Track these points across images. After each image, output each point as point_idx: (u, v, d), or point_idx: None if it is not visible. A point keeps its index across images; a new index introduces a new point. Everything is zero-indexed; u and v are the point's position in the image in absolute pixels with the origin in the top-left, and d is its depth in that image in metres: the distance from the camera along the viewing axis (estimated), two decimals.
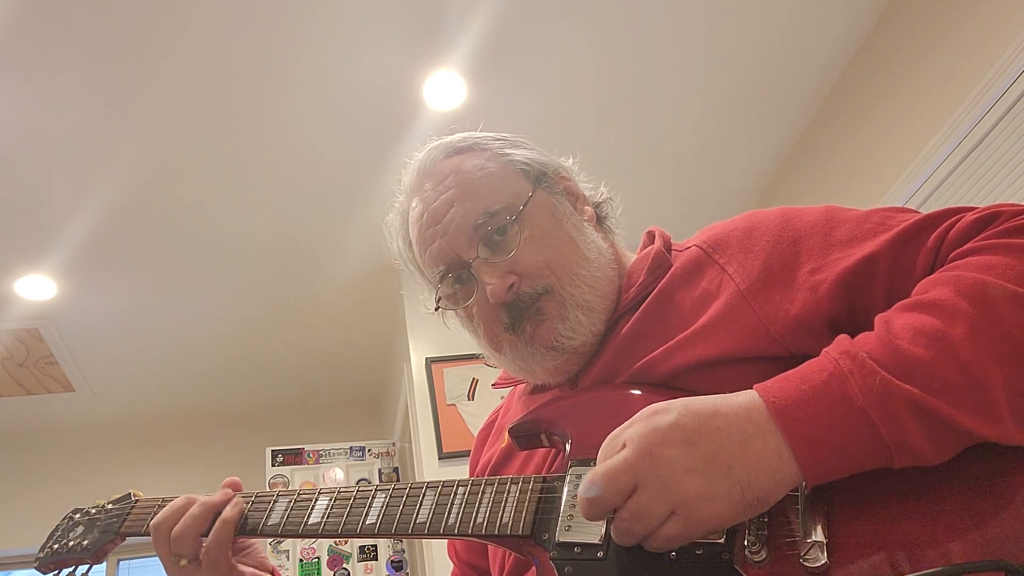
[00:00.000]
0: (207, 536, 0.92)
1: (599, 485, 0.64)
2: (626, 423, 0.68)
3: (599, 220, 1.01)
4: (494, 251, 0.91)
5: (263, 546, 1.03)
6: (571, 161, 1.04)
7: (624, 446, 0.65)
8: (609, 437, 0.68)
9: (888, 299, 0.74)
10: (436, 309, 1.00)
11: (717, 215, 3.43)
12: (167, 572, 0.94)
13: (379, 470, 3.94)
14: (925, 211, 0.80)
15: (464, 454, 3.11)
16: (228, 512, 0.92)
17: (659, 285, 0.89)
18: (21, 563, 4.31)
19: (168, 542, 0.92)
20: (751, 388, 0.67)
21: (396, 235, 1.04)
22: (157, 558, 0.95)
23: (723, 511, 0.62)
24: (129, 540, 1.05)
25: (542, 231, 0.93)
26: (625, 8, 2.62)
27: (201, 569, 0.92)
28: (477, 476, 1.05)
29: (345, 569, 3.65)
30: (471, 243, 0.92)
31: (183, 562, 0.91)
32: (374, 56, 2.64)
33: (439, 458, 3.15)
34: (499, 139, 1.00)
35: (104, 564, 4.32)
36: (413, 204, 0.99)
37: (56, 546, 1.04)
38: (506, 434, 0.92)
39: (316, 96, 2.76)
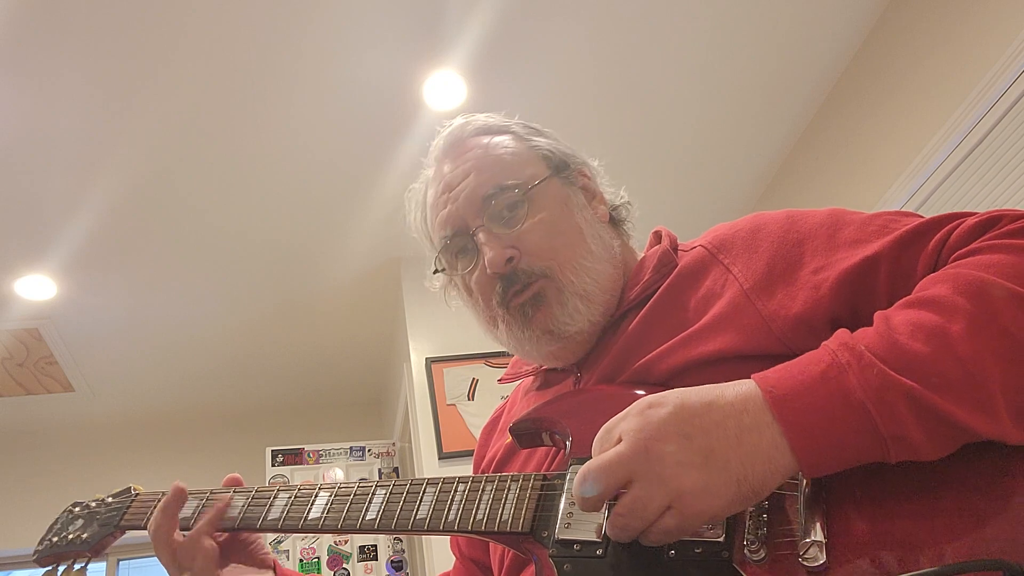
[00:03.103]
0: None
1: (594, 477, 0.64)
2: (620, 415, 0.67)
3: (615, 222, 1.02)
4: (500, 224, 0.93)
5: (264, 542, 1.03)
6: (596, 162, 1.05)
7: (619, 440, 0.65)
8: (603, 429, 0.68)
9: (889, 301, 0.74)
10: (434, 272, 1.01)
11: (717, 215, 3.43)
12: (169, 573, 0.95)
13: (379, 470, 3.95)
14: (925, 211, 0.81)
15: (464, 454, 3.11)
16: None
17: (664, 284, 0.90)
18: (21, 563, 4.31)
19: (172, 552, 0.94)
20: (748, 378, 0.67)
21: (415, 205, 1.06)
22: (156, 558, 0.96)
23: (720, 504, 0.62)
24: (130, 539, 1.05)
25: (551, 216, 0.94)
26: (625, 8, 2.62)
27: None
28: (481, 471, 1.05)
29: (345, 569, 3.65)
30: (479, 212, 0.94)
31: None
32: (374, 56, 2.64)
33: (439, 458, 3.15)
34: (529, 127, 1.03)
35: (104, 564, 4.34)
36: (433, 173, 1.02)
37: (55, 539, 1.05)
38: (508, 429, 0.92)
39: (316, 96, 2.76)
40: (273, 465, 3.85)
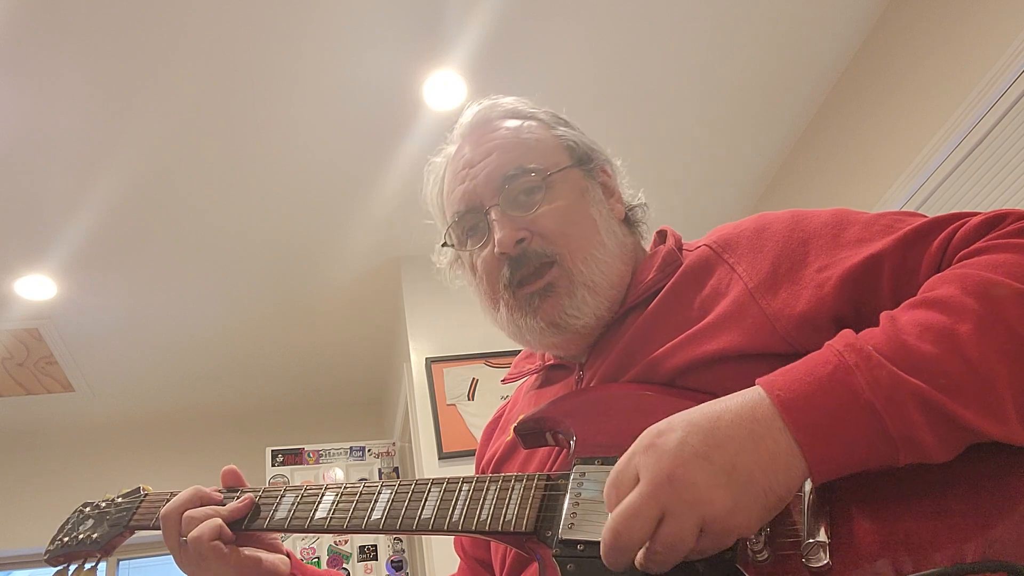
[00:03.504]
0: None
1: (625, 526, 0.60)
2: (627, 453, 0.65)
3: (630, 223, 1.03)
4: (515, 206, 0.93)
5: None
6: (619, 162, 1.06)
7: (636, 479, 0.62)
8: (613, 475, 0.65)
9: (893, 300, 0.74)
10: (443, 245, 1.01)
11: (717, 215, 3.41)
12: (176, 559, 0.94)
13: (379, 470, 3.95)
14: (925, 211, 0.81)
15: (464, 454, 3.11)
16: (222, 517, 0.92)
17: (669, 283, 0.90)
18: (21, 563, 4.31)
19: (179, 525, 0.92)
20: (753, 383, 0.66)
21: (434, 179, 1.06)
22: (157, 558, 0.95)
23: (751, 519, 0.61)
24: (132, 540, 1.05)
25: (567, 204, 0.94)
26: (625, 8, 2.62)
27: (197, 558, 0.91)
28: (481, 469, 1.06)
29: (345, 569, 3.65)
30: (496, 191, 0.94)
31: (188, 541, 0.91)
32: (374, 56, 2.64)
33: (439, 458, 3.15)
34: (557, 117, 1.04)
35: (104, 564, 4.34)
36: (456, 149, 1.02)
37: (66, 539, 1.05)
38: (511, 429, 0.92)
39: (316, 96, 2.76)
40: (273, 465, 3.85)
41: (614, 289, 0.93)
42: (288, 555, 1.00)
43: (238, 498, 0.96)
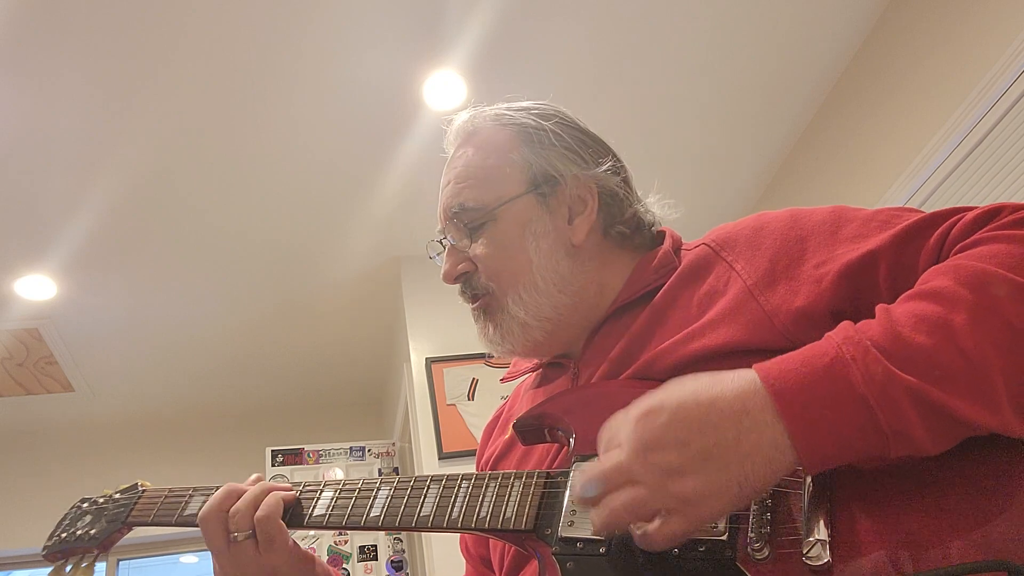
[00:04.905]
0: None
1: (596, 484, 0.65)
2: (621, 420, 0.67)
3: (611, 236, 0.99)
4: (459, 239, 0.99)
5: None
6: (607, 166, 0.99)
7: (620, 446, 0.66)
8: (605, 437, 0.68)
9: (891, 296, 0.74)
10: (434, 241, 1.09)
11: (717, 215, 3.41)
12: (219, 560, 0.88)
13: (379, 470, 3.95)
14: (926, 210, 0.81)
15: (464, 454, 3.11)
16: (282, 494, 0.90)
17: (667, 282, 0.91)
18: (21, 563, 4.30)
19: (224, 522, 0.87)
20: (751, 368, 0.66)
21: None
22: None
23: (722, 506, 0.62)
24: (131, 540, 1.05)
25: (507, 241, 0.96)
26: (625, 8, 2.62)
27: (260, 545, 0.87)
28: (481, 469, 1.06)
29: (345, 569, 3.65)
30: (448, 222, 1.00)
31: (240, 536, 0.87)
32: (374, 56, 2.64)
33: (439, 458, 3.15)
34: (540, 129, 0.99)
35: (104, 564, 4.34)
36: (448, 151, 1.07)
37: (64, 535, 1.05)
38: (510, 427, 0.92)
39: (316, 96, 2.76)
40: (273, 465, 3.84)
41: (550, 323, 0.95)
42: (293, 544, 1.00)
43: None
